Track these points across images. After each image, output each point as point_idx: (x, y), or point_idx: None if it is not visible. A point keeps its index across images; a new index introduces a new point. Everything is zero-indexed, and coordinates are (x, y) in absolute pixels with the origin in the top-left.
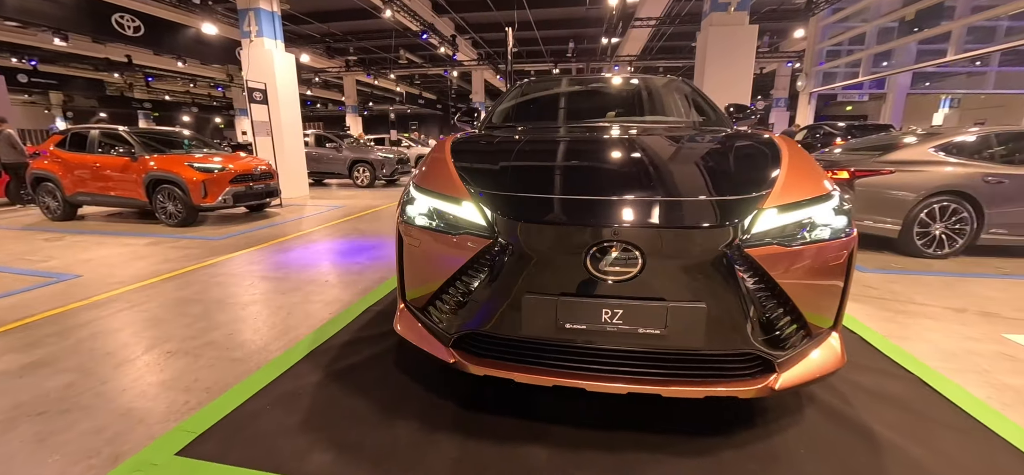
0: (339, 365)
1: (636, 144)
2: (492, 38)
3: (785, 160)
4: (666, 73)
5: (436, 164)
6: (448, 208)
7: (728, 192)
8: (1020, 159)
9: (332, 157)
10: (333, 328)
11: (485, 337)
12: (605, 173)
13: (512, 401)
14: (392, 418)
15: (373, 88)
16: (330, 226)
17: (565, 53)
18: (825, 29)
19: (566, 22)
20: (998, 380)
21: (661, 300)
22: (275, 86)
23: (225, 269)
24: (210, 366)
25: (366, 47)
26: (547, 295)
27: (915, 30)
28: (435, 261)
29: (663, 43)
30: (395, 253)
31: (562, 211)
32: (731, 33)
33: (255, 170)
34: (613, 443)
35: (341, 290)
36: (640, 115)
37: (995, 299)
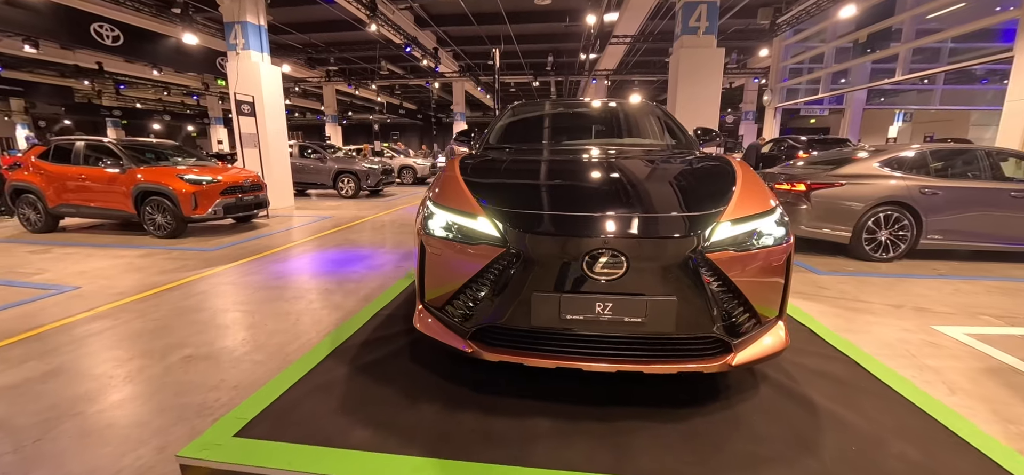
0: (362, 361)
1: (619, 167)
2: (473, 51)
3: (739, 180)
4: (639, 84)
5: (450, 183)
6: (465, 222)
7: (693, 208)
8: (952, 173)
9: (316, 168)
10: (348, 330)
11: (498, 329)
12: (596, 193)
13: (517, 385)
14: (417, 402)
15: (353, 98)
16: (322, 237)
17: (544, 67)
18: (787, 49)
19: (546, 37)
20: (922, 363)
21: (641, 295)
22: (262, 98)
23: (225, 279)
24: (233, 367)
25: (347, 58)
26: (551, 292)
27: (867, 51)
28: (455, 267)
29: (637, 59)
30: (416, 261)
31: (564, 225)
32: (701, 54)
33: (245, 181)
34: (604, 415)
35: (343, 297)
36: (619, 137)
37: (928, 297)
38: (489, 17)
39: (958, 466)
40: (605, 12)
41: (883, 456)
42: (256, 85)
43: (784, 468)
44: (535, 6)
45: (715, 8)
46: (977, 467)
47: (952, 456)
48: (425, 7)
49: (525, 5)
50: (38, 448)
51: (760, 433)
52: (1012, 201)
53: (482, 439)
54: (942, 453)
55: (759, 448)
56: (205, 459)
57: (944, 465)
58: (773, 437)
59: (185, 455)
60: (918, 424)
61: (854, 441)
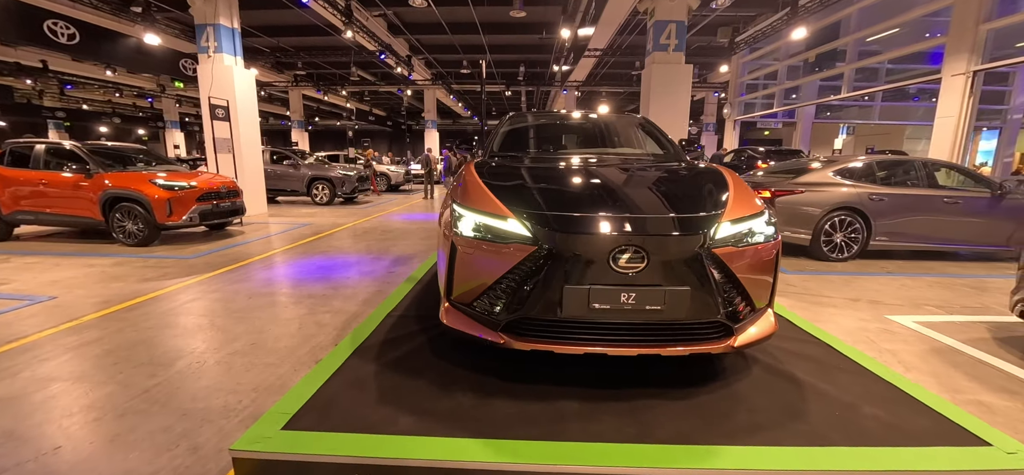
0: (387, 358)
1: (627, 173)
2: (446, 59)
3: (731, 186)
4: (607, 96)
5: (474, 187)
6: (495, 223)
7: (700, 210)
8: (895, 182)
9: (289, 174)
10: (365, 332)
11: (529, 320)
12: (614, 195)
13: (540, 373)
14: (450, 391)
15: (320, 103)
16: (305, 244)
17: (516, 77)
18: (744, 65)
19: (518, 48)
20: (880, 347)
21: (660, 286)
22: (235, 103)
23: (214, 287)
24: (247, 371)
25: (316, 63)
26: (581, 285)
27: (816, 69)
28: (486, 265)
29: (606, 71)
30: (444, 260)
31: (593, 225)
32: (670, 70)
33: (221, 188)
34: (622, 395)
35: (343, 302)
36: (616, 146)
37: (880, 291)
38: (463, 27)
39: (919, 423)
40: (580, 26)
41: (859, 418)
42: (229, 89)
43: (780, 431)
44: (510, 18)
45: (683, 27)
46: (935, 423)
47: (914, 415)
48: (399, 14)
49: (500, 17)
50: (100, 435)
51: (756, 405)
52: (945, 206)
53: (519, 420)
54: (906, 413)
55: (757, 417)
56: (257, 451)
57: (908, 423)
58: (767, 407)
59: (238, 448)
60: (884, 392)
61: (835, 407)
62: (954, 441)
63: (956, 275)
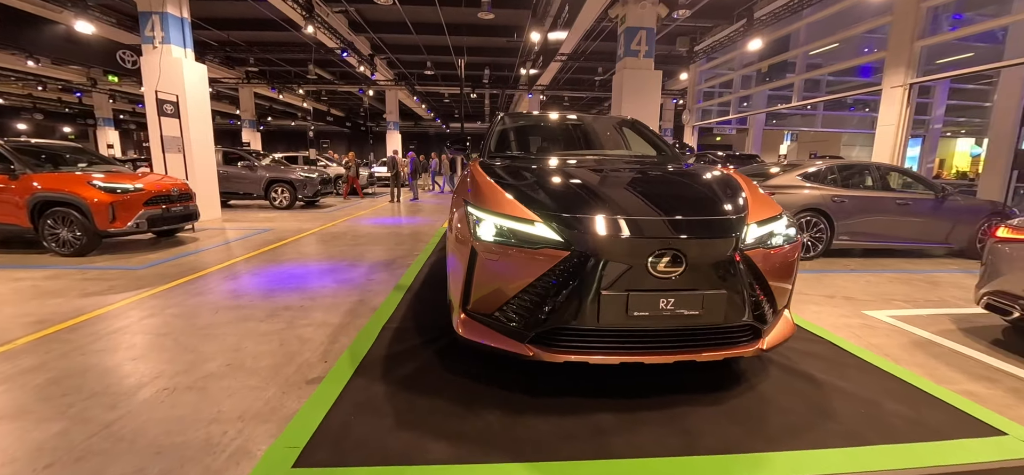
0: (395, 375)
1: (648, 175)
2: (409, 60)
3: (746, 188)
4: (570, 100)
5: (490, 189)
6: (521, 227)
7: (730, 212)
8: (853, 184)
9: (245, 176)
10: (362, 347)
11: (560, 330)
12: (645, 199)
13: (562, 385)
14: (475, 409)
15: (273, 102)
16: (269, 251)
17: (481, 79)
18: (702, 73)
19: (484, 51)
20: (868, 341)
21: (696, 290)
22: (185, 99)
23: (173, 300)
24: (228, 396)
25: (270, 59)
26: (619, 292)
27: (767, 79)
28: (513, 272)
29: (569, 76)
30: (459, 268)
31: (632, 229)
32: (641, 75)
33: (172, 190)
34: (653, 404)
35: (325, 314)
36: (615, 148)
37: (850, 288)
38: (429, 27)
39: (938, 417)
40: (550, 31)
41: (885, 415)
42: (179, 83)
43: (818, 432)
44: (477, 19)
45: (653, 33)
46: (952, 416)
47: (932, 410)
48: (361, 12)
49: (467, 18)
50: None
51: (785, 406)
52: (898, 207)
53: (558, 438)
54: (924, 408)
55: (790, 419)
56: None
57: (928, 417)
58: (796, 409)
59: None
60: (897, 388)
61: (859, 405)
62: (971, 432)
63: (909, 271)
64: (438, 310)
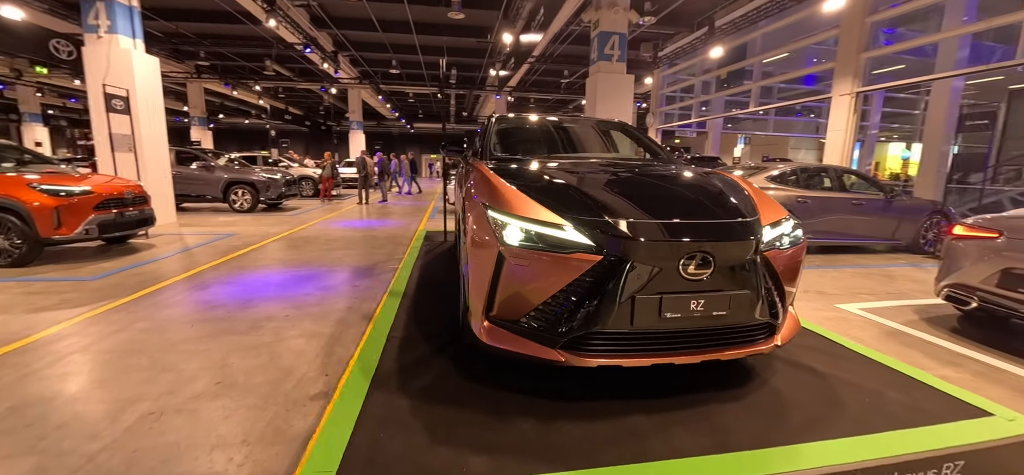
0: (414, 388)
1: (661, 178)
2: (373, 58)
3: (751, 191)
4: (536, 102)
5: (510, 192)
6: (550, 232)
7: (749, 215)
8: (814, 186)
9: (200, 177)
10: (372, 359)
11: (592, 335)
12: (673, 202)
13: (588, 387)
14: (507, 419)
15: (225, 99)
16: (238, 258)
17: (448, 79)
18: (665, 78)
19: (452, 51)
20: (846, 333)
21: (722, 290)
22: (135, 93)
23: (136, 315)
24: (225, 419)
25: (222, 53)
26: (653, 294)
27: (726, 86)
28: (543, 277)
29: (536, 78)
30: (483, 273)
31: (666, 233)
32: (614, 79)
33: (126, 193)
34: (680, 403)
35: (314, 323)
36: (615, 151)
37: (819, 283)
38: (395, 25)
39: (933, 402)
40: (523, 33)
41: (887, 404)
42: (128, 77)
43: (837, 422)
44: (446, 19)
45: (625, 39)
46: (944, 401)
47: (926, 397)
48: (324, 7)
49: (436, 17)
50: None
51: (800, 400)
52: (854, 208)
53: (598, 443)
54: (919, 395)
55: (809, 411)
56: None
57: (924, 403)
58: (811, 401)
59: None
60: (892, 377)
61: (864, 396)
62: (962, 415)
63: (866, 266)
64: (440, 317)
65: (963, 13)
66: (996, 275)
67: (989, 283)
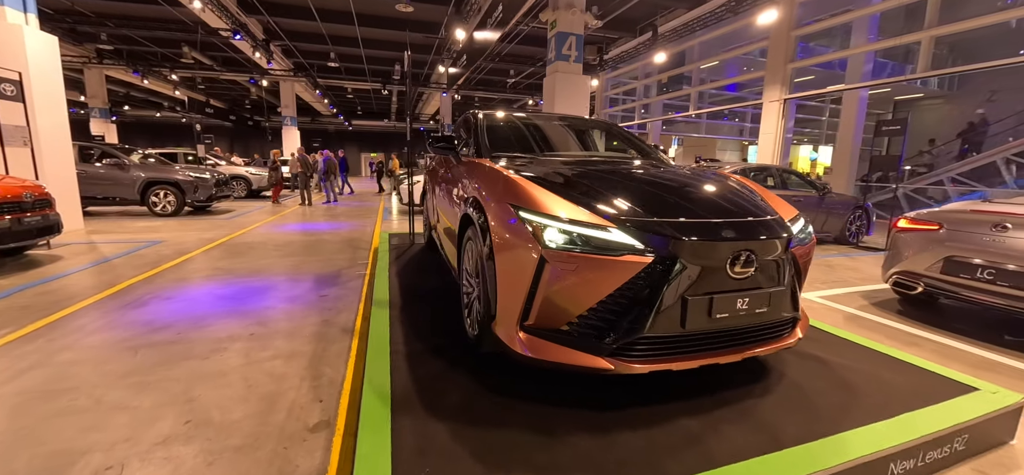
0: (442, 408)
1: (687, 179)
2: (309, 49)
3: (759, 190)
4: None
5: (541, 193)
6: (596, 234)
7: (775, 213)
8: (763, 185)
9: (111, 177)
10: (382, 379)
11: (642, 339)
12: (708, 201)
13: (616, 393)
14: (558, 435)
15: (131, 88)
16: (172, 269)
17: (391, 74)
18: (609, 81)
19: (397, 45)
20: (833, 320)
21: (762, 288)
22: (29, 77)
23: (60, 342)
24: (210, 466)
25: (129, 36)
26: (704, 295)
27: (665, 90)
28: (592, 282)
29: (482, 76)
30: (517, 279)
31: (714, 232)
32: (572, 79)
33: (24, 196)
34: (721, 402)
35: (287, 341)
36: (612, 150)
37: None
38: (335, 15)
39: (929, 383)
40: (476, 29)
41: (890, 387)
42: (19, 58)
43: (860, 409)
44: (391, 11)
45: (582, 40)
46: (938, 381)
47: (921, 379)
48: None
49: (380, 8)
50: None
51: (818, 388)
52: (797, 205)
53: (661, 452)
54: (915, 378)
55: (831, 400)
56: None
57: (921, 385)
58: (826, 389)
59: None
60: (885, 361)
61: (871, 382)
62: (952, 392)
63: (821, 256)
64: (439, 327)
65: (867, 32)
66: (940, 263)
67: (934, 270)
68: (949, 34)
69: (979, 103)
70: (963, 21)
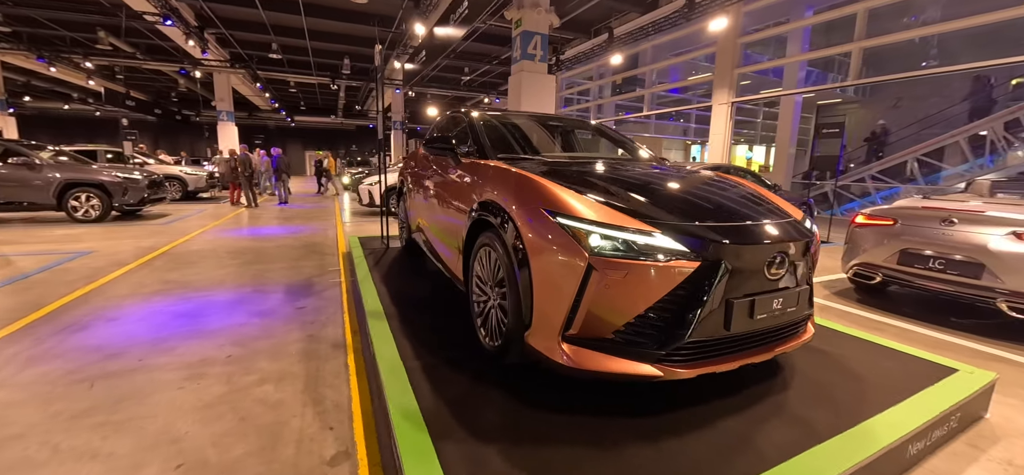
0: (483, 430)
1: (706, 181)
2: (248, 39)
3: (766, 193)
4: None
5: (574, 198)
6: (641, 239)
7: (793, 215)
8: None
9: (18, 177)
10: (406, 400)
11: (688, 344)
12: (736, 204)
13: (664, 395)
14: (618, 448)
15: (33, 77)
16: (110, 283)
17: (339, 68)
18: (564, 81)
19: (345, 38)
20: None
21: (791, 288)
22: None
23: None
24: None
25: (31, 17)
26: (746, 297)
27: (619, 91)
28: (642, 288)
29: (436, 73)
30: (560, 287)
31: (756, 235)
32: (538, 79)
33: None
34: (751, 399)
35: (272, 361)
36: (608, 151)
37: None
38: (279, 2)
39: (914, 368)
40: (437, 25)
41: (888, 374)
42: None
43: (872, 397)
44: (341, 2)
45: (547, 39)
46: (920, 365)
47: (908, 365)
48: None
49: None
50: None
51: (831, 381)
52: None
53: (723, 455)
54: (901, 363)
55: (847, 389)
56: None
57: (910, 369)
58: (839, 383)
59: None
60: (875, 349)
61: (871, 371)
62: (937, 375)
63: None
64: (445, 340)
65: (801, 43)
66: (896, 255)
67: (891, 261)
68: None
69: (887, 108)
70: (887, 35)
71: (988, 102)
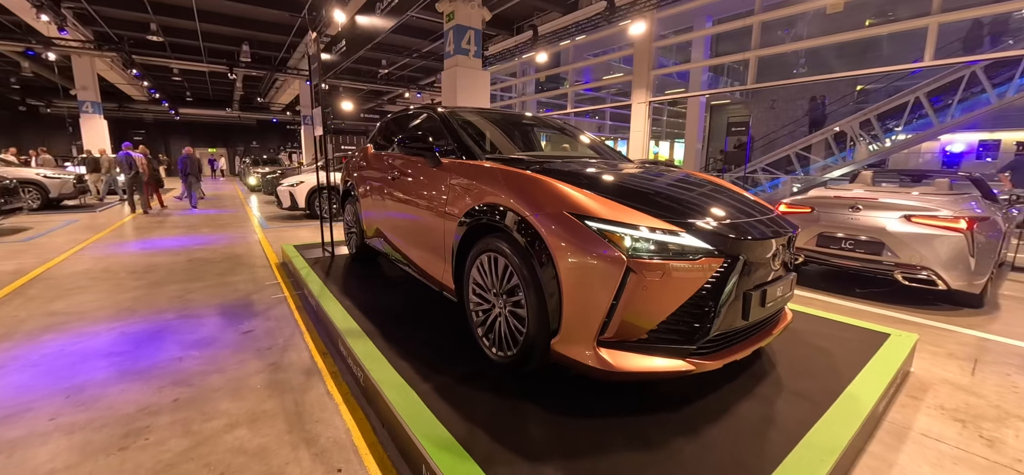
0: (524, 448)
1: (695, 181)
2: (118, 17)
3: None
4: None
5: (596, 200)
6: (669, 239)
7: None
8: None
9: None
10: (427, 428)
11: (715, 336)
12: (735, 202)
13: (686, 390)
14: (666, 447)
15: None
16: (23, 305)
17: (236, 55)
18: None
19: (242, 21)
20: None
21: (783, 277)
22: None
23: None
24: None
25: None
26: (758, 288)
27: (543, 88)
28: (674, 287)
29: (350, 65)
30: (596, 293)
31: (764, 230)
32: (473, 74)
33: None
34: (754, 380)
35: (233, 401)
36: (587, 150)
37: None
38: None
39: (863, 338)
40: (360, 13)
41: (852, 346)
42: None
43: (845, 369)
44: None
45: (480, 35)
46: (864, 334)
47: (856, 335)
48: None
49: None
50: None
51: (806, 353)
52: None
53: (750, 438)
54: (855, 334)
55: (820, 361)
56: None
57: (858, 341)
58: (811, 356)
59: None
60: (830, 325)
61: (833, 344)
62: (880, 341)
63: None
64: (443, 354)
65: (704, 49)
66: (814, 238)
67: (811, 244)
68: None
69: (765, 109)
70: (783, 45)
71: (822, 115)
